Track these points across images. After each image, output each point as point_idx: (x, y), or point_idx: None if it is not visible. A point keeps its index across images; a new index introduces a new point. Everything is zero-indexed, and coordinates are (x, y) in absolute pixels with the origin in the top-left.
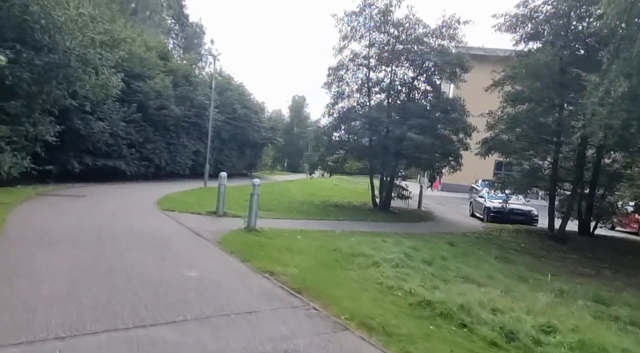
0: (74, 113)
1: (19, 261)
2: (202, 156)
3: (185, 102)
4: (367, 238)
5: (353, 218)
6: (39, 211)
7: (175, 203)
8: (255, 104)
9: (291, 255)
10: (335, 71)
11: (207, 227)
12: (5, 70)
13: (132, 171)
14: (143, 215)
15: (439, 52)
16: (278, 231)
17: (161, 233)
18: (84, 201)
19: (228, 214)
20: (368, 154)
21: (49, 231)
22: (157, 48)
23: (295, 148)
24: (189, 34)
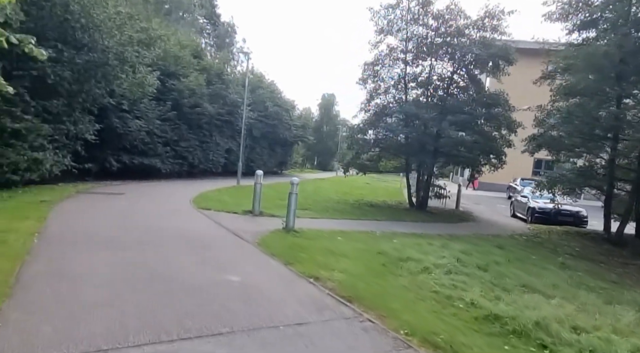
0: (112, 112)
1: (61, 264)
2: (234, 154)
3: (218, 101)
4: (410, 240)
5: (390, 218)
6: (78, 210)
7: (211, 202)
8: (286, 102)
9: (335, 258)
10: (371, 66)
11: (245, 227)
12: (47, 69)
13: (167, 169)
14: (180, 214)
15: (481, 44)
16: (317, 231)
17: (200, 234)
18: (122, 200)
19: (264, 214)
20: (404, 152)
21: (89, 231)
22: (190, 46)
23: (325, 146)
24: (221, 33)
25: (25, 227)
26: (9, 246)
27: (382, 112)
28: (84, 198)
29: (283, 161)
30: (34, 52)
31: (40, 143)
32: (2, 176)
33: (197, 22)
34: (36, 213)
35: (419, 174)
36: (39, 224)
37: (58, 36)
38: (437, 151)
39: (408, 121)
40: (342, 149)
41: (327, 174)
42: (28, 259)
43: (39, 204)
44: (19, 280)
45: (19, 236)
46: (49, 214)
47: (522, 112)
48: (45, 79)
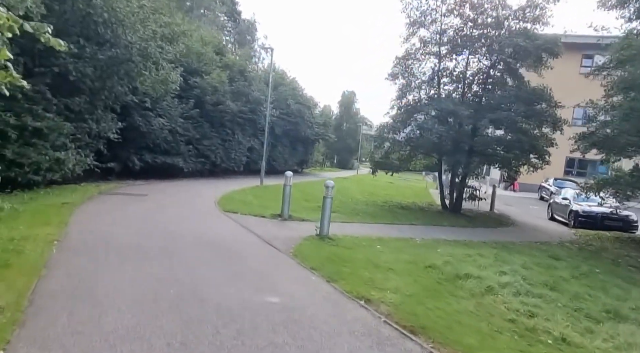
0: (135, 110)
1: (81, 279)
2: (256, 152)
3: (240, 98)
4: (455, 249)
5: (425, 222)
6: (101, 213)
7: (236, 204)
8: (308, 100)
9: (381, 273)
10: (402, 61)
11: (276, 233)
12: (69, 65)
13: (189, 168)
14: (206, 218)
15: (523, 36)
16: (352, 239)
17: (229, 242)
18: (145, 202)
19: (294, 218)
20: (437, 151)
21: (112, 238)
22: (213, 43)
23: (345, 144)
24: (242, 30)
25: (45, 234)
26: (25, 258)
27: (414, 109)
28: (106, 200)
29: (304, 160)
30: (51, 42)
31: (63, 142)
32: (24, 177)
33: (218, 19)
34: (57, 218)
35: (452, 174)
36: (60, 230)
37: (80, 31)
38: (472, 150)
39: (442, 119)
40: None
41: (348, 172)
42: (45, 273)
43: (60, 207)
44: (33, 302)
45: (38, 244)
46: (70, 219)
47: (564, 108)
48: (67, 76)
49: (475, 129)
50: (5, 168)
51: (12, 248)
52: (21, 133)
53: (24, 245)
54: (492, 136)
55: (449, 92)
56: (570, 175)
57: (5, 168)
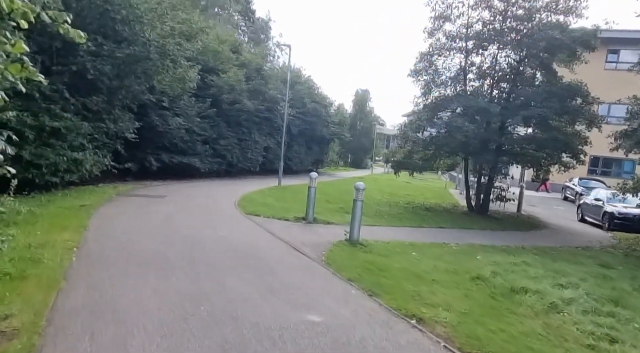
0: (152, 109)
1: (103, 293)
2: (272, 152)
3: (257, 97)
4: (496, 256)
5: (454, 225)
6: (120, 217)
7: (258, 206)
8: (323, 98)
9: (426, 285)
10: (427, 57)
11: (303, 238)
12: (87, 63)
13: (205, 168)
14: (229, 222)
15: (558, 28)
16: (384, 244)
17: (255, 248)
18: (164, 204)
19: (319, 221)
20: (463, 150)
21: (133, 245)
22: (229, 41)
23: (359, 143)
24: (256, 29)
25: (64, 240)
26: (44, 267)
27: (439, 107)
28: (124, 202)
29: (319, 159)
30: (70, 34)
31: (80, 143)
32: (42, 178)
33: (232, 18)
34: (75, 221)
35: (479, 174)
36: (78, 236)
37: (98, 29)
38: (500, 149)
39: (468, 116)
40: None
41: (363, 172)
42: (64, 287)
43: (78, 210)
44: (52, 322)
45: (56, 252)
46: (89, 223)
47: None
48: (85, 75)
49: (503, 127)
50: (22, 170)
51: (29, 257)
52: (39, 133)
53: (41, 253)
54: (521, 134)
55: (476, 89)
56: (595, 174)
57: (23, 170)
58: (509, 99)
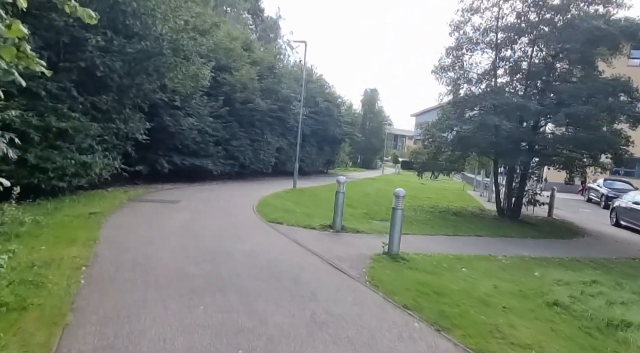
0: (163, 109)
1: (118, 331)
2: (284, 153)
3: (270, 96)
4: (556, 272)
5: (490, 232)
6: (133, 226)
7: (278, 212)
8: (335, 97)
9: (500, 315)
10: (453, 52)
11: (336, 251)
12: (96, 59)
13: (218, 170)
14: (251, 232)
15: (602, 19)
16: (427, 257)
17: (287, 264)
18: (179, 210)
19: (347, 229)
20: (495, 151)
21: (150, 262)
22: (240, 39)
23: (368, 143)
24: (265, 27)
25: (71, 256)
26: (48, 295)
27: (467, 104)
28: (137, 208)
29: (330, 160)
30: (78, 13)
31: (89, 144)
32: (48, 183)
33: (241, 16)
34: (84, 233)
35: (510, 177)
36: (88, 251)
37: (107, 23)
38: (533, 150)
39: (501, 114)
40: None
41: (373, 172)
42: (71, 321)
43: (87, 218)
44: None
45: (63, 273)
46: (100, 234)
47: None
48: (94, 72)
49: (536, 126)
50: (27, 174)
51: (31, 280)
52: (44, 134)
53: (46, 274)
54: (555, 133)
55: (507, 85)
56: (617, 175)
57: (28, 174)
58: (542, 96)
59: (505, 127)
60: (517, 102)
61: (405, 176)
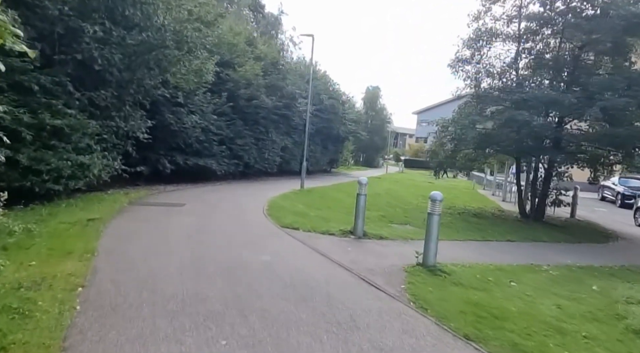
0: (165, 105)
1: None
2: (289, 152)
3: (275, 93)
4: (611, 284)
5: (521, 236)
6: (136, 235)
7: (291, 216)
8: (340, 95)
9: (583, 349)
10: (473, 43)
11: (365, 262)
12: (94, 51)
13: (222, 170)
14: (267, 240)
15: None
16: (467, 269)
17: (316, 282)
18: (185, 214)
19: (369, 235)
20: (521, 148)
21: (157, 282)
22: (243, 34)
23: (371, 141)
24: (266, 23)
25: (65, 274)
26: (34, 328)
27: (489, 99)
28: (139, 213)
29: (334, 159)
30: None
31: (87, 144)
32: (42, 186)
33: (241, 13)
34: (82, 243)
35: (534, 176)
36: (85, 267)
37: (105, 13)
38: (558, 147)
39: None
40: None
41: (377, 171)
42: None
43: (85, 225)
44: None
45: (55, 296)
46: (99, 244)
47: None
48: (91, 66)
49: (561, 121)
50: (19, 177)
51: (17, 307)
52: (38, 133)
53: (34, 299)
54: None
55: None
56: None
57: (20, 177)
58: (568, 89)
59: (536, 124)
60: (550, 95)
61: (410, 175)
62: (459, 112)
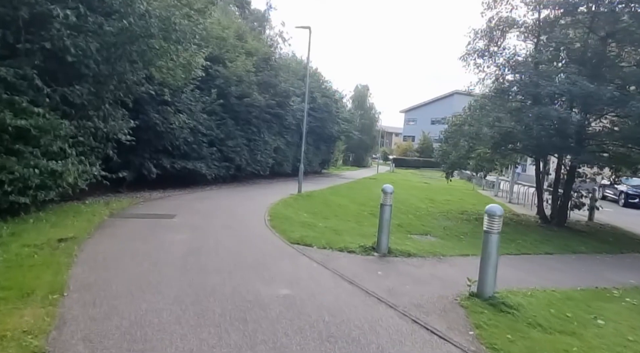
0: (149, 104)
1: None
2: (281, 153)
3: (268, 90)
4: None
5: (556, 247)
6: (119, 261)
7: (297, 227)
8: (332, 93)
9: None
10: (488, 34)
11: (405, 292)
12: (66, 40)
13: (212, 173)
14: (277, 261)
15: None
16: (528, 298)
17: (356, 328)
18: (177, 229)
19: (394, 252)
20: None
21: (150, 337)
22: (233, 27)
23: (360, 140)
24: (254, 19)
25: (20, 332)
26: None
27: (510, 94)
28: (121, 228)
29: (326, 159)
30: None
31: (59, 148)
32: (3, 199)
33: (228, 8)
34: (48, 275)
35: (556, 176)
36: (49, 316)
37: None
38: (581, 146)
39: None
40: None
41: (368, 171)
42: None
43: (55, 248)
44: None
45: None
46: (70, 275)
47: None
48: (63, 57)
49: (585, 118)
50: None
51: None
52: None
53: None
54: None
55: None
56: None
57: None
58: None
59: (574, 120)
60: (588, 89)
61: (402, 175)
62: (474, 109)
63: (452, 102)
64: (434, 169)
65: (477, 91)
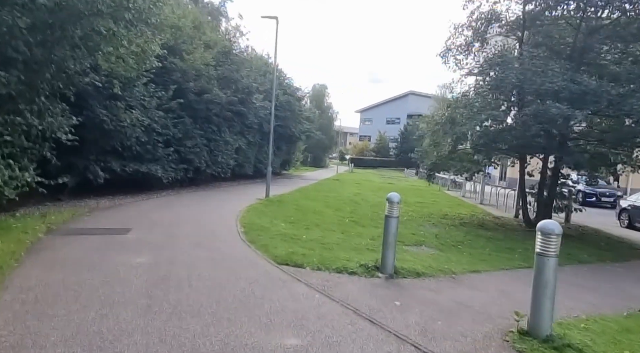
0: (96, 98)
1: None
2: (242, 153)
3: (229, 85)
4: None
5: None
6: (56, 306)
7: (280, 243)
8: (294, 90)
9: None
10: (468, 28)
11: (439, 331)
12: None
13: (168, 177)
14: (269, 293)
15: None
16: (584, 333)
17: None
18: (132, 250)
19: (403, 273)
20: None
21: None
22: (189, 17)
23: (318, 140)
24: (207, 12)
25: None
26: None
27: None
28: (61, 251)
29: (287, 160)
30: None
31: None
32: None
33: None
34: None
35: (542, 178)
36: None
37: None
38: (566, 145)
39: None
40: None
41: (327, 172)
42: None
43: None
44: None
45: None
46: None
47: None
48: None
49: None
50: None
51: None
52: None
53: None
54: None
55: None
56: None
57: None
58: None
59: (576, 117)
60: (589, 86)
61: (362, 175)
62: (453, 108)
63: (407, 103)
64: (391, 169)
65: (457, 89)
